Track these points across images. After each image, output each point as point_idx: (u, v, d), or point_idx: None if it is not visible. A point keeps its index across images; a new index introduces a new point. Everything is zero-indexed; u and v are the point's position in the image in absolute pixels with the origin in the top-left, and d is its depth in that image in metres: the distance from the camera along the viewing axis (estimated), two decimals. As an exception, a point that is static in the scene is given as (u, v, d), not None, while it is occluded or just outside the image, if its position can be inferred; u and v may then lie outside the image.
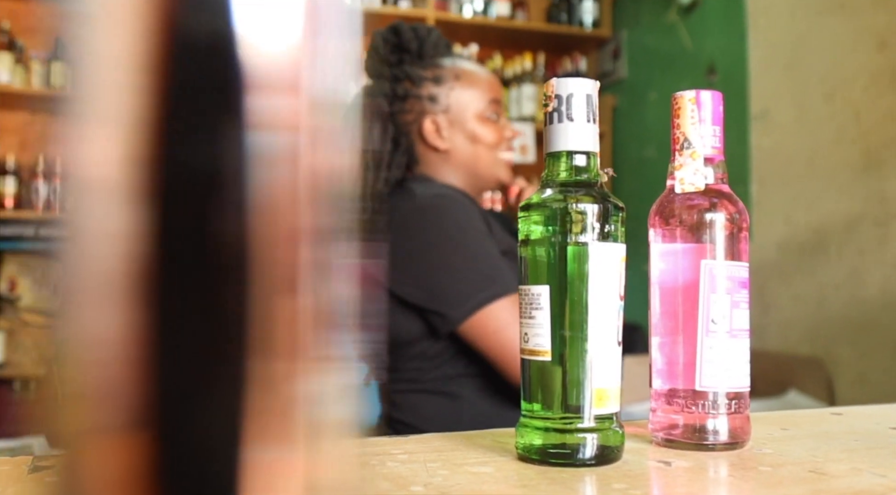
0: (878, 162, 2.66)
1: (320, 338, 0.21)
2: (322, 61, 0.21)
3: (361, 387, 0.28)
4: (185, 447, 0.19)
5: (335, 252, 0.21)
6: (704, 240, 0.69)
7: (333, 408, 0.21)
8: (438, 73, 1.59)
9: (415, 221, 1.45)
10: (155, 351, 0.19)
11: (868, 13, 2.72)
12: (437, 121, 1.57)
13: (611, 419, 0.65)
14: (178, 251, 0.19)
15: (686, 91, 0.71)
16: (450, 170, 1.59)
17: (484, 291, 1.35)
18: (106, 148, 0.20)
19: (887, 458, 0.64)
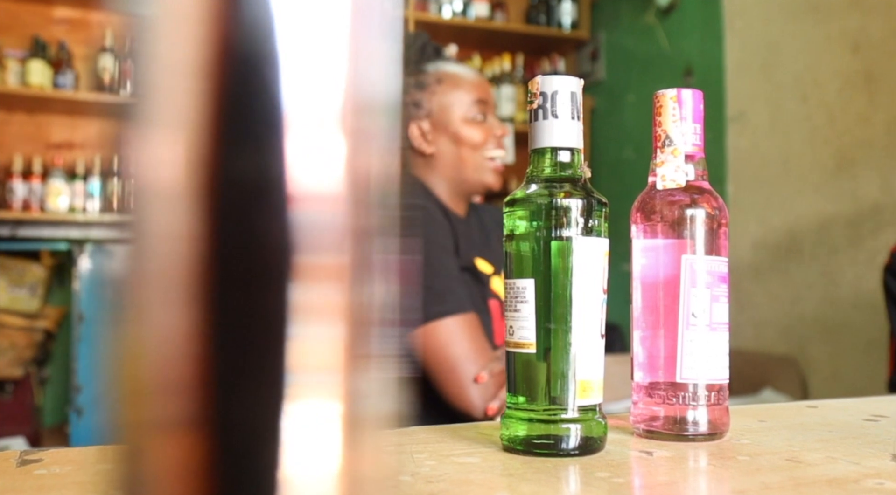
0: (851, 163, 2.70)
1: (364, 334, 0.22)
2: (365, 63, 0.22)
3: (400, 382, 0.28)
4: (238, 444, 0.20)
5: (378, 251, 0.22)
6: (685, 235, 0.70)
7: (376, 403, 0.22)
8: (421, 78, 1.59)
9: None
10: (212, 349, 0.20)
11: (841, 17, 2.75)
12: (421, 126, 1.58)
13: (594, 410, 0.66)
14: (232, 252, 0.20)
15: (667, 89, 0.73)
16: (436, 175, 1.59)
17: (432, 306, 1.37)
18: (168, 151, 0.21)
19: (860, 447, 0.66)
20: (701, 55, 3.39)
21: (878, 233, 2.55)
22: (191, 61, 0.20)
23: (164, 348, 0.20)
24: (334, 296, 0.21)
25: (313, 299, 0.21)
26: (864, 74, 2.67)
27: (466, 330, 1.37)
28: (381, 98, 0.22)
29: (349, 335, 0.21)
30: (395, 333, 0.23)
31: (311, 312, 0.21)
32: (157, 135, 0.21)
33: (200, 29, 0.20)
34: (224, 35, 0.20)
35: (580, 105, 0.69)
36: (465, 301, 1.40)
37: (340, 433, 0.21)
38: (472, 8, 3.89)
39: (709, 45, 3.34)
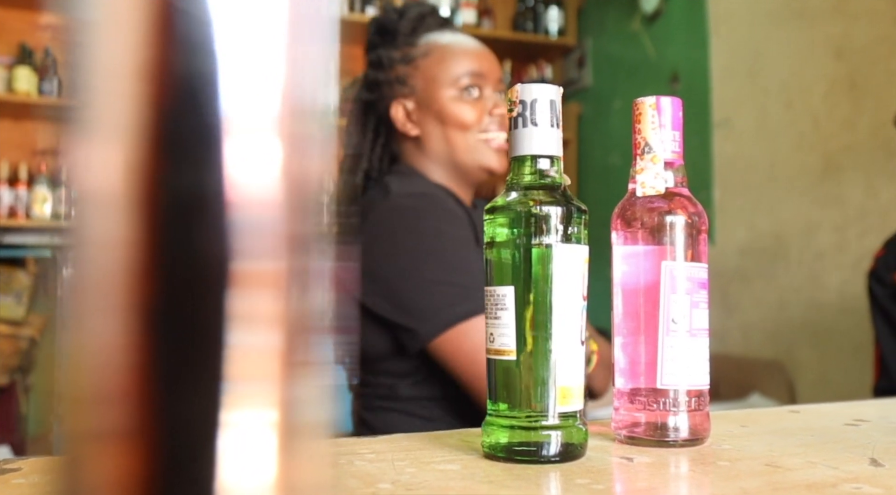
0: (836, 168, 2.72)
1: (302, 342, 0.22)
2: (302, 67, 0.22)
3: (336, 390, 0.28)
4: (176, 453, 0.20)
5: (314, 258, 0.22)
6: (665, 241, 0.71)
7: (312, 411, 0.22)
8: (408, 51, 1.41)
9: (387, 223, 1.30)
10: (150, 358, 0.20)
11: (825, 23, 2.77)
12: (405, 105, 1.40)
13: (575, 416, 0.66)
14: (170, 260, 0.20)
15: (646, 97, 0.73)
16: (427, 161, 1.41)
17: (458, 306, 1.20)
18: (105, 157, 0.21)
19: (840, 452, 0.66)
20: (687, 61, 3.41)
21: (864, 237, 2.57)
22: (128, 67, 0.20)
23: (102, 357, 0.20)
24: (272, 303, 0.21)
25: (251, 307, 0.21)
26: (848, 80, 2.69)
27: None
28: (317, 103, 0.22)
29: (286, 343, 0.21)
30: (330, 341, 0.23)
31: (249, 320, 0.21)
32: (94, 142, 0.21)
33: (138, 35, 0.20)
34: (162, 41, 0.20)
35: (559, 113, 0.69)
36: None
37: (277, 442, 0.21)
38: (460, 15, 3.90)
39: (694, 51, 3.36)
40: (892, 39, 2.56)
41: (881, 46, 2.59)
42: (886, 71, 2.57)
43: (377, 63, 1.43)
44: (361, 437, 0.74)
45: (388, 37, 1.44)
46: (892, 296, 1.87)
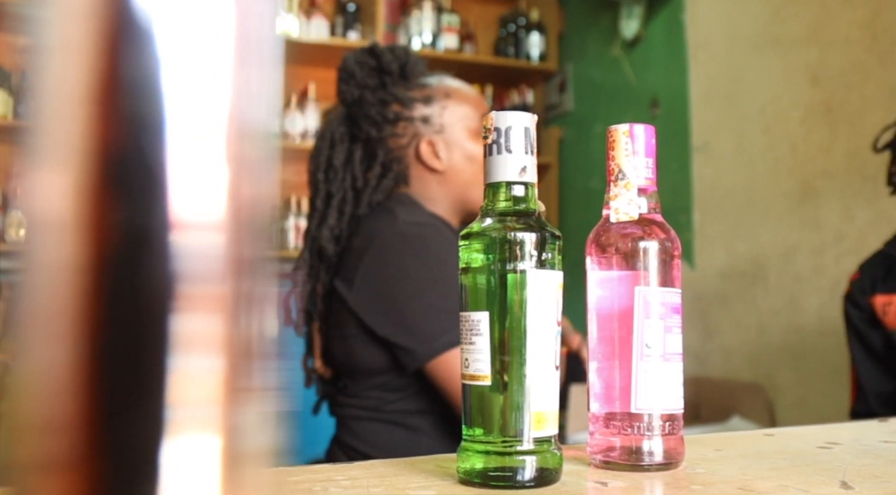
0: (814, 192, 2.74)
1: (247, 367, 0.22)
2: (249, 92, 0.22)
3: (282, 416, 0.27)
4: (118, 480, 0.20)
5: (260, 282, 0.22)
6: (638, 267, 0.71)
7: (256, 438, 0.22)
8: (427, 92, 1.55)
9: (394, 248, 1.41)
10: (92, 383, 0.20)
11: (801, 49, 2.81)
12: (433, 141, 1.53)
13: (549, 441, 0.66)
14: (114, 284, 0.21)
15: (620, 124, 0.74)
16: (443, 192, 1.54)
17: (455, 330, 1.28)
18: (51, 182, 0.21)
19: (812, 475, 0.67)
20: (666, 86, 3.44)
21: (841, 260, 2.59)
22: (77, 92, 0.21)
23: (45, 383, 0.20)
24: (217, 328, 0.21)
25: (195, 331, 0.21)
26: (824, 106, 2.72)
27: None
28: (263, 126, 0.23)
29: (231, 368, 0.21)
30: (275, 366, 0.23)
31: (193, 344, 0.21)
32: (41, 166, 0.21)
33: (88, 60, 0.21)
34: (111, 67, 0.21)
35: (534, 139, 0.70)
36: None
37: (221, 469, 0.21)
38: (442, 40, 3.92)
39: (674, 76, 3.39)
40: (866, 66, 2.59)
41: (856, 73, 2.62)
42: (861, 97, 2.60)
43: (386, 102, 1.53)
44: (337, 464, 0.74)
45: (392, 77, 1.55)
46: (868, 319, 1.88)
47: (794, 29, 2.84)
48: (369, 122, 1.53)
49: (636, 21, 3.53)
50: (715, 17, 3.20)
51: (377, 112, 1.52)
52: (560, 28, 4.11)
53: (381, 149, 1.53)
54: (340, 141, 1.56)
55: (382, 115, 1.52)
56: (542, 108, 4.21)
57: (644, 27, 3.55)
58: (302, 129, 3.65)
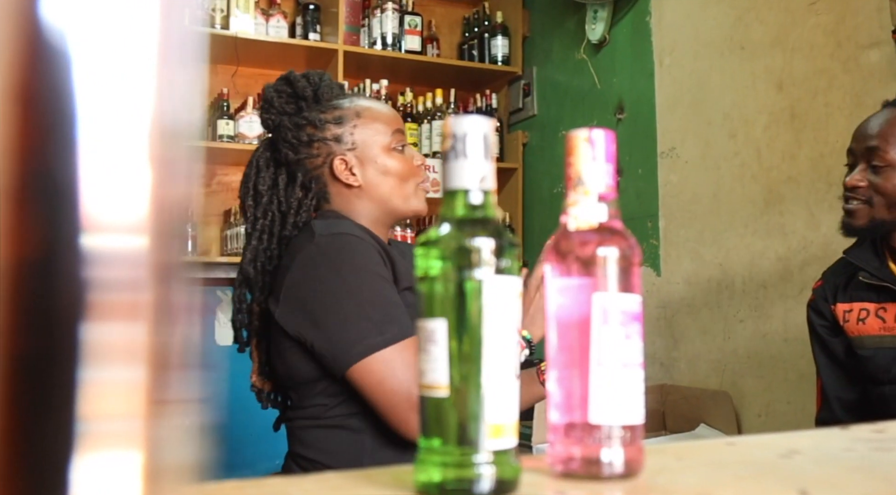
0: (779, 198, 2.76)
1: (168, 377, 0.21)
2: (171, 91, 0.21)
3: (204, 429, 0.26)
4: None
5: (180, 289, 0.21)
6: (597, 274, 0.70)
7: (177, 452, 0.21)
8: (338, 113, 1.64)
9: (312, 262, 1.48)
10: (3, 396, 0.19)
11: (766, 56, 2.82)
12: (346, 159, 1.61)
13: (508, 453, 0.65)
14: (23, 289, 0.19)
15: (580, 130, 0.73)
16: (364, 205, 1.63)
17: (371, 338, 1.38)
18: None
19: (772, 484, 0.66)
20: (632, 91, 3.45)
21: (806, 267, 2.60)
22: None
23: None
24: (135, 336, 0.20)
25: (112, 340, 0.19)
26: (789, 112, 2.74)
27: (411, 356, 1.37)
28: (185, 127, 0.21)
29: (150, 379, 0.20)
30: (196, 377, 0.21)
31: (110, 355, 0.19)
32: None
33: (4, 59, 0.19)
34: (29, 66, 0.19)
35: (492, 145, 0.69)
36: (407, 326, 1.41)
37: (140, 485, 0.20)
38: (404, 41, 3.90)
39: (639, 81, 3.40)
40: (829, 72, 2.61)
41: (820, 79, 2.64)
42: (825, 103, 2.62)
43: (301, 126, 1.63)
44: (292, 476, 0.72)
45: (307, 102, 1.66)
46: (830, 327, 1.89)
47: (758, 34, 2.86)
48: (287, 146, 1.63)
49: (602, 24, 3.54)
50: (680, 22, 3.21)
51: (293, 136, 1.63)
52: (525, 31, 4.11)
53: (300, 170, 1.63)
54: (265, 166, 1.66)
55: (298, 138, 1.63)
56: (507, 111, 4.21)
57: (609, 31, 3.55)
58: (259, 132, 3.61)
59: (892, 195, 1.71)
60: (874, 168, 1.73)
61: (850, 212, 1.76)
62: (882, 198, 1.72)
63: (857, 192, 1.75)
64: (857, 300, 1.84)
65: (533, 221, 4.02)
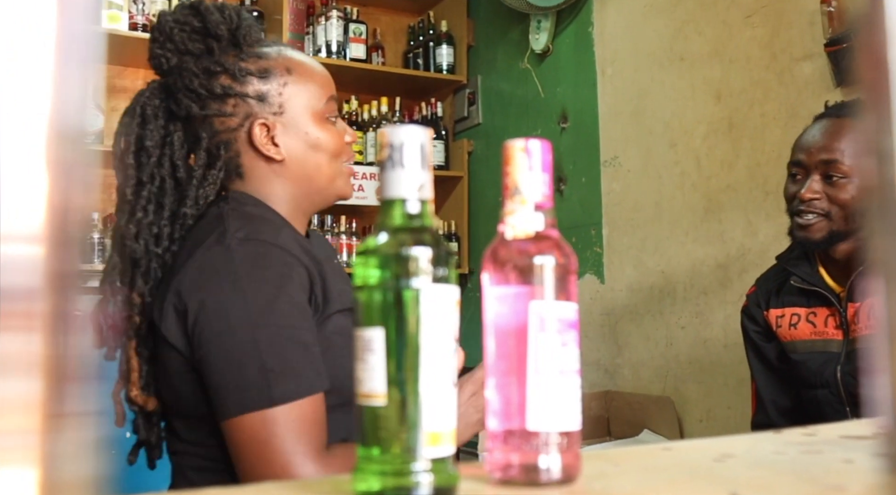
0: (718, 206, 2.80)
1: (63, 390, 0.20)
2: (68, 93, 0.21)
3: (99, 442, 0.24)
4: None
5: (75, 300, 0.21)
6: (534, 282, 0.71)
7: (74, 466, 0.20)
8: (264, 65, 1.31)
9: (212, 268, 1.18)
10: None
11: (705, 67, 2.87)
12: (268, 124, 1.30)
13: (446, 460, 0.66)
14: None
15: (516, 140, 0.74)
16: (283, 185, 1.32)
17: (256, 391, 1.11)
18: None
19: (705, 487, 0.68)
20: (575, 100, 3.48)
21: (744, 274, 2.65)
22: None
23: None
24: (30, 348, 0.19)
25: (5, 351, 0.19)
26: (727, 122, 2.79)
27: (301, 421, 1.11)
28: (82, 131, 0.21)
29: (46, 392, 0.20)
30: (92, 390, 0.21)
31: (3, 366, 0.19)
32: None
33: None
34: None
35: (429, 155, 0.69)
36: (309, 380, 1.14)
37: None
38: (349, 49, 3.90)
39: (582, 90, 3.44)
40: (765, 83, 2.67)
41: (756, 90, 2.70)
42: (761, 113, 2.68)
43: (213, 72, 1.29)
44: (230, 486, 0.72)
45: (220, 43, 1.30)
46: (763, 332, 1.93)
47: (697, 46, 2.91)
48: (191, 96, 1.29)
49: (545, 34, 3.57)
50: (621, 33, 3.25)
51: (200, 84, 1.28)
52: (470, 40, 4.13)
53: (206, 130, 1.30)
54: (154, 117, 1.31)
55: (207, 88, 1.28)
56: (452, 120, 4.23)
57: (553, 41, 3.59)
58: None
59: (850, 206, 1.73)
60: (830, 180, 1.75)
61: (807, 227, 1.77)
62: (840, 210, 1.74)
63: (813, 206, 1.76)
64: (788, 305, 1.88)
65: (478, 230, 4.03)
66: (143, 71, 3.77)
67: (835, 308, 1.81)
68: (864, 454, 0.81)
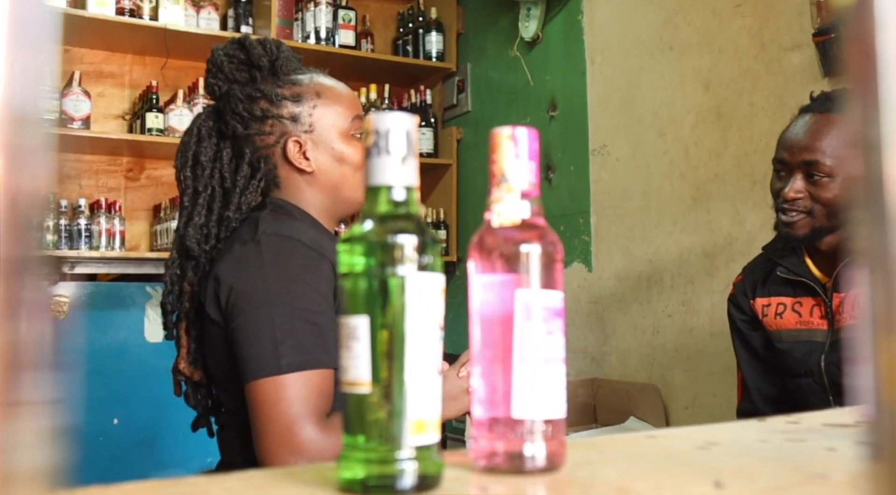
0: (706, 195, 2.81)
1: (17, 378, 0.20)
2: (21, 73, 0.20)
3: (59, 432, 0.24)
4: None
5: (32, 286, 0.20)
6: (520, 270, 0.71)
7: (31, 457, 0.20)
8: (297, 90, 1.53)
9: (244, 259, 1.38)
10: None
11: (694, 56, 2.87)
12: (300, 141, 1.51)
13: (430, 448, 0.66)
14: None
15: (503, 127, 0.74)
16: (314, 194, 1.53)
17: (266, 360, 1.28)
18: None
19: (689, 475, 0.68)
20: (564, 89, 3.48)
21: (731, 263, 2.66)
22: None
23: None
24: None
25: None
26: (716, 111, 2.79)
27: (307, 389, 1.28)
28: (37, 114, 0.21)
29: (0, 379, 0.19)
30: (51, 377, 0.20)
31: None
32: None
33: None
34: None
35: (415, 142, 0.69)
36: (318, 356, 1.30)
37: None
38: (338, 36, 3.88)
39: (571, 79, 3.43)
40: (754, 73, 2.67)
41: (745, 79, 2.70)
42: (749, 103, 2.68)
43: (254, 98, 1.51)
44: (213, 475, 0.72)
45: (262, 72, 1.53)
46: (749, 321, 1.94)
47: (686, 35, 2.91)
48: (237, 118, 1.51)
49: (535, 22, 3.56)
50: (611, 22, 3.25)
51: (244, 108, 1.51)
52: (459, 27, 4.12)
53: (248, 146, 1.51)
54: (208, 136, 1.54)
55: (249, 112, 1.51)
56: (441, 107, 4.22)
57: (542, 29, 3.58)
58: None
59: (833, 204, 1.74)
60: (812, 179, 1.76)
61: (791, 224, 1.78)
62: (822, 208, 1.75)
63: (796, 205, 1.77)
64: (774, 295, 1.89)
65: (467, 218, 4.03)
66: (130, 56, 3.75)
67: (820, 298, 1.82)
68: (847, 442, 0.82)
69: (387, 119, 0.68)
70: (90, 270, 3.38)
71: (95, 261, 3.37)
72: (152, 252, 3.58)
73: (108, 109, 3.72)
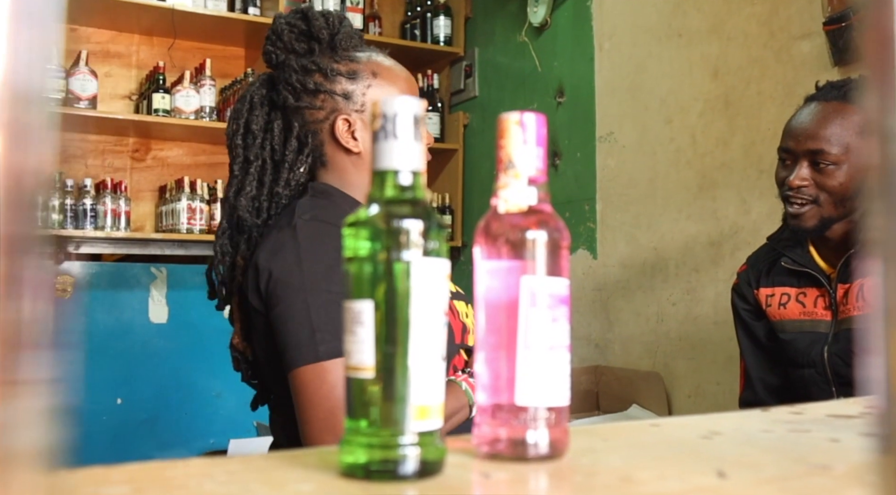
0: (712, 184, 2.80)
1: (16, 357, 0.19)
2: (25, 52, 0.20)
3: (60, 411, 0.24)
4: None
5: (32, 265, 0.20)
6: (526, 257, 0.71)
7: (29, 436, 0.20)
8: (354, 67, 1.48)
9: (280, 245, 1.36)
10: None
11: (703, 43, 2.86)
12: (350, 120, 1.46)
13: (433, 434, 0.66)
14: None
15: (511, 113, 0.73)
16: (360, 176, 1.48)
17: (305, 347, 1.27)
18: None
19: (691, 464, 0.68)
20: (572, 75, 3.47)
21: (737, 252, 2.65)
22: None
23: None
24: None
25: None
26: (724, 99, 2.78)
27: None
28: (40, 92, 0.20)
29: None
30: (50, 356, 0.20)
31: None
32: None
33: None
34: None
35: (423, 126, 0.69)
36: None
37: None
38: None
39: (579, 65, 3.42)
40: (763, 61, 2.66)
41: (753, 68, 2.68)
42: (758, 91, 2.67)
43: (309, 70, 1.47)
44: (215, 458, 0.72)
45: (321, 45, 1.49)
46: (753, 311, 1.94)
47: (695, 22, 2.90)
48: (289, 89, 1.47)
49: (543, 8, 3.55)
50: (620, 8, 3.23)
51: (298, 79, 1.46)
52: (467, 12, 4.11)
53: (297, 120, 1.48)
54: (260, 104, 1.50)
55: (302, 84, 1.46)
56: (448, 92, 4.20)
57: (551, 14, 3.57)
58: (197, 107, 3.55)
59: (839, 192, 1.74)
60: (818, 167, 1.75)
61: (799, 215, 1.77)
62: (829, 196, 1.75)
63: (802, 193, 1.76)
64: (778, 285, 1.88)
65: (473, 203, 4.03)
66: (138, 36, 3.74)
67: (824, 289, 1.81)
68: (851, 433, 0.81)
69: (394, 103, 0.67)
70: (95, 250, 3.39)
71: (100, 240, 3.37)
72: (157, 233, 3.58)
73: (114, 89, 3.72)
